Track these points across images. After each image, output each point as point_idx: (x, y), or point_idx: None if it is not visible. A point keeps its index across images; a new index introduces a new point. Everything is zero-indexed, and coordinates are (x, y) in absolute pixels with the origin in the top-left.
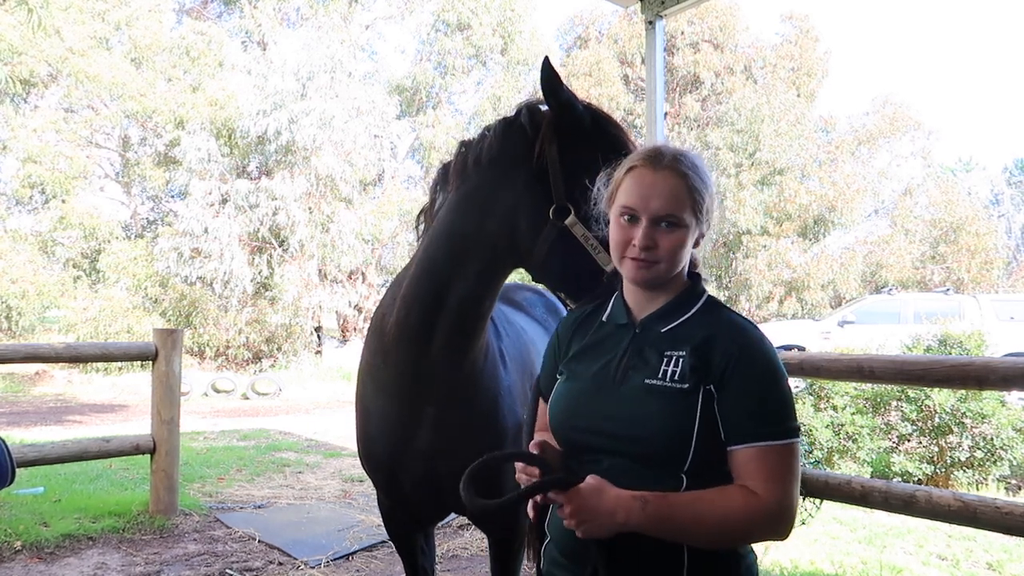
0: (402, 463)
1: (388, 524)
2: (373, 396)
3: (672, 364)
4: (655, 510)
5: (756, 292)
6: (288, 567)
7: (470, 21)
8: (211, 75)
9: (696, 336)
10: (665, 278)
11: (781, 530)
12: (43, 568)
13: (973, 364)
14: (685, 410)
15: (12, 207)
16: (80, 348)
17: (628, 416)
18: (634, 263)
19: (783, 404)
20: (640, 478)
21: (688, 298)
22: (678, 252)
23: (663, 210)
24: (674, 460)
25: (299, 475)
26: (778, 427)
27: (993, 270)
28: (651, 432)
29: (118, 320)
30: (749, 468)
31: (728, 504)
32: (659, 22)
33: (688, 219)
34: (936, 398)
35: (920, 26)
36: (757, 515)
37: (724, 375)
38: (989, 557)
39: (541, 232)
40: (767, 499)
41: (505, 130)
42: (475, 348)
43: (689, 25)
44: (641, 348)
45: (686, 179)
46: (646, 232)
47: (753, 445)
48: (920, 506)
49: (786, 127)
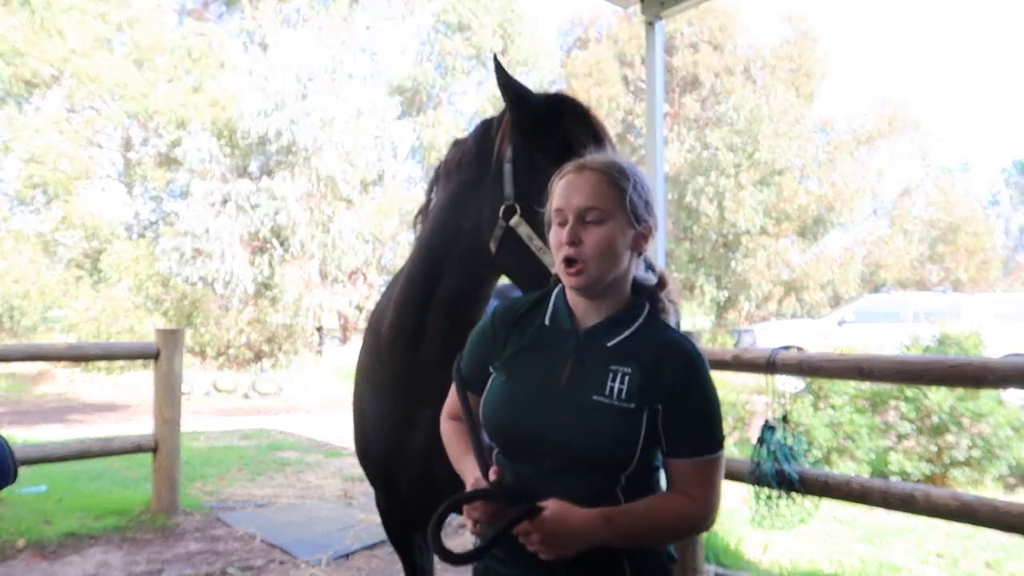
0: (398, 463)
1: (386, 524)
2: (369, 397)
3: (619, 381)
4: (619, 526)
5: (755, 292)
6: (289, 566)
7: (470, 22)
8: (212, 76)
9: (643, 356)
10: (600, 280)
11: (710, 526)
12: (45, 566)
13: (971, 363)
14: (631, 426)
15: (15, 207)
16: (82, 348)
17: (574, 428)
18: (565, 267)
19: (718, 420)
20: (582, 479)
21: (630, 312)
22: (607, 249)
23: (584, 203)
24: (617, 467)
25: (300, 474)
26: (712, 442)
27: (991, 270)
28: (598, 445)
29: (120, 320)
30: (688, 478)
31: (676, 510)
32: (659, 23)
33: (613, 212)
34: (934, 397)
35: (919, 27)
36: (698, 518)
37: (672, 396)
38: (987, 555)
39: (494, 231)
40: (706, 504)
41: (482, 130)
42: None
43: (689, 26)
44: (585, 359)
45: (607, 175)
46: (571, 228)
47: (693, 460)
48: (919, 505)
49: (785, 127)
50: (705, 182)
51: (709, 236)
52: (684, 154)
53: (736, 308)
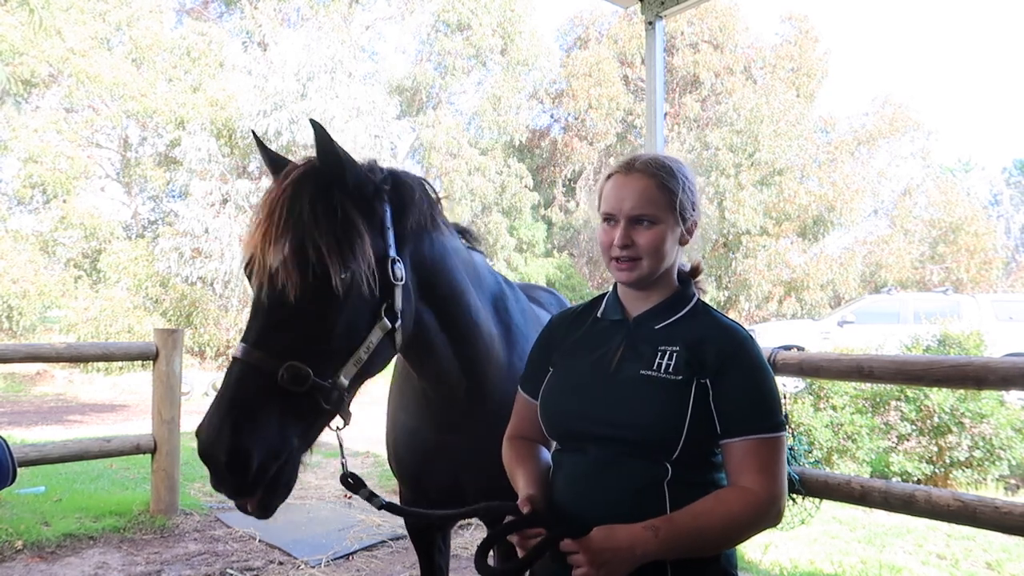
0: (428, 473)
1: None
2: (396, 410)
3: (666, 358)
4: (666, 534)
5: (756, 292)
6: (288, 567)
7: (470, 21)
8: (212, 75)
9: (689, 335)
10: (650, 276)
11: (775, 519)
12: (44, 567)
13: (972, 364)
14: (678, 400)
15: (13, 207)
16: (81, 348)
17: (623, 403)
18: (617, 264)
19: (774, 399)
20: (625, 467)
21: (679, 300)
22: (658, 248)
23: (636, 210)
24: (664, 448)
25: (299, 474)
26: (770, 421)
27: (992, 270)
28: (646, 419)
29: (119, 320)
30: (745, 461)
31: (728, 509)
32: (659, 22)
33: (663, 215)
34: (935, 398)
35: (919, 26)
36: (754, 510)
37: (720, 371)
38: (988, 556)
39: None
40: (761, 492)
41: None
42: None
43: (689, 25)
44: (635, 343)
45: (656, 178)
46: (623, 232)
47: (749, 438)
48: (919, 506)
49: (785, 127)
50: (705, 182)
51: (709, 236)
52: (684, 154)
53: (736, 308)
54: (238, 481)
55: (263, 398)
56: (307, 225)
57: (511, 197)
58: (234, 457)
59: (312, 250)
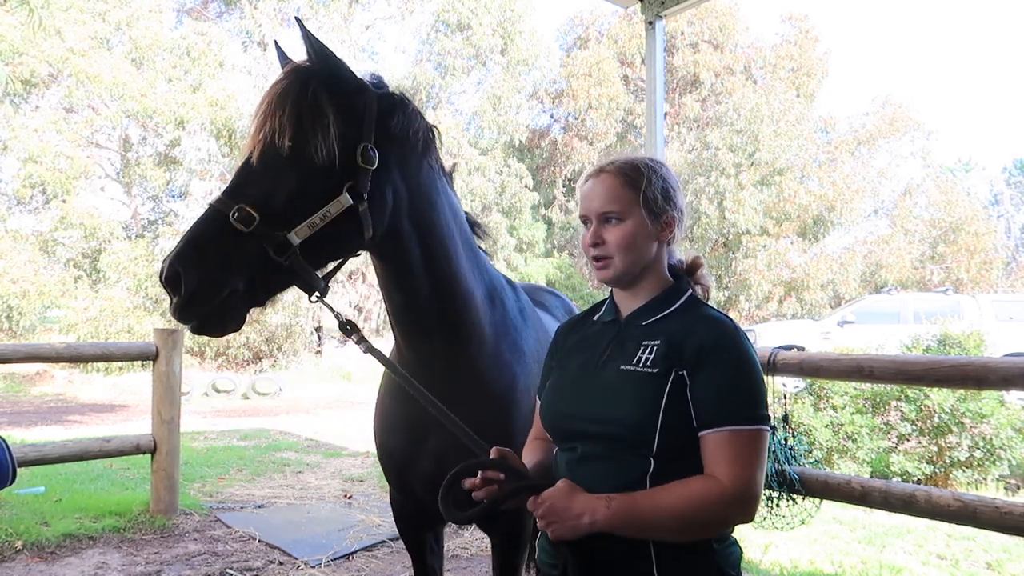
0: (413, 462)
1: (399, 521)
2: (385, 394)
3: (647, 352)
4: (619, 506)
5: (756, 292)
6: (288, 567)
7: (470, 21)
8: (211, 75)
9: (674, 329)
10: (627, 273)
11: (744, 513)
12: (44, 568)
13: (972, 364)
14: (653, 391)
15: (13, 207)
16: (81, 348)
17: (605, 399)
18: (594, 263)
19: (754, 392)
20: (611, 461)
21: (671, 295)
22: (628, 245)
23: (602, 208)
24: (643, 442)
25: (299, 475)
26: (746, 413)
27: (992, 270)
28: (622, 412)
29: (119, 320)
30: (717, 453)
31: (688, 492)
32: (659, 22)
33: (629, 211)
34: (935, 398)
35: (919, 26)
36: (718, 499)
37: (697, 363)
38: (988, 557)
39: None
40: (728, 484)
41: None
42: (473, 340)
43: (689, 25)
44: (623, 340)
45: (622, 176)
46: (593, 231)
47: (722, 429)
48: (920, 506)
49: (786, 127)
50: (705, 182)
51: (709, 236)
52: (684, 154)
53: (737, 308)
54: (173, 297)
55: (217, 236)
56: (277, 103)
57: (511, 197)
58: (173, 274)
59: (275, 121)
